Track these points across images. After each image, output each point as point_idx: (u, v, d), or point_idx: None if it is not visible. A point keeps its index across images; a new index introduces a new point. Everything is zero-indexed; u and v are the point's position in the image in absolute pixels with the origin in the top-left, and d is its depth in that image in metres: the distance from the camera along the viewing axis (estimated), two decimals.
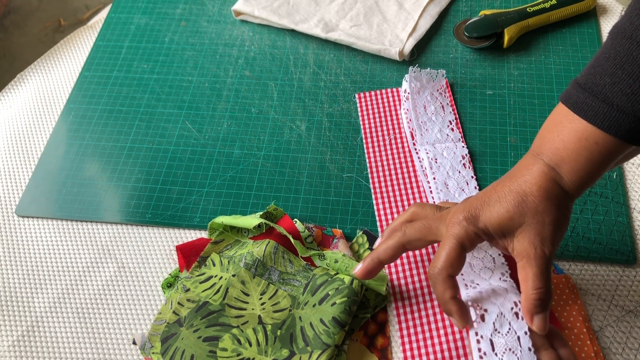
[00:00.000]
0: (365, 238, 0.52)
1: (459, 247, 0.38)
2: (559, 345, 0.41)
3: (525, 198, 0.37)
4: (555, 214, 0.37)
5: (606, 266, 0.49)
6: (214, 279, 0.48)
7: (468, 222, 0.38)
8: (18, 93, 0.68)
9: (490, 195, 0.38)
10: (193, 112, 0.63)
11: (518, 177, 0.39)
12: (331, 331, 0.44)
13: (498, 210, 0.38)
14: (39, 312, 0.51)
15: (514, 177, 0.39)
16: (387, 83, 0.63)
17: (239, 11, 0.69)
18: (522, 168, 0.39)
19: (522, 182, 0.38)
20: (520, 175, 0.39)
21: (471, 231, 0.38)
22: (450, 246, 0.38)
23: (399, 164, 0.56)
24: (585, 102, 0.37)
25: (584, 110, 0.37)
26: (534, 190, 0.37)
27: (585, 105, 0.37)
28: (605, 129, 0.36)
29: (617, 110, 0.35)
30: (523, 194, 0.37)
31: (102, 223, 0.56)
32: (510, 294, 0.43)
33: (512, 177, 0.39)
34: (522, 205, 0.37)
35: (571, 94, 0.38)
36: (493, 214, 0.38)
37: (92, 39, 0.72)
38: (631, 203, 0.52)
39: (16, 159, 0.62)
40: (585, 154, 0.37)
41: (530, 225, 0.37)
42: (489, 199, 0.38)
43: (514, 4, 0.68)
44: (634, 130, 0.35)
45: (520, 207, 0.37)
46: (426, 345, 0.45)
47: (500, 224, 0.38)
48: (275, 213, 0.53)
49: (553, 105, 0.59)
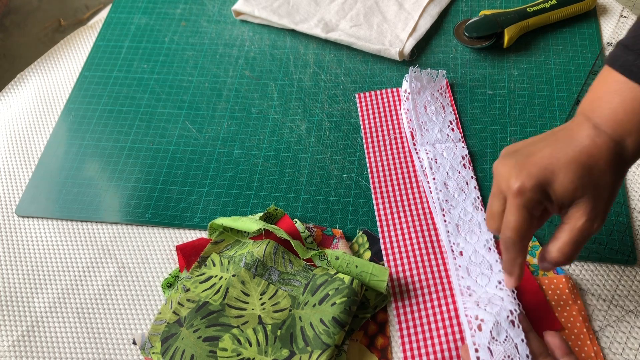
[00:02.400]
0: (365, 238, 0.52)
1: (529, 216, 0.38)
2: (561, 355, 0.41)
3: (591, 171, 0.37)
4: (615, 187, 0.38)
5: (606, 266, 0.49)
6: (214, 279, 0.48)
7: (533, 192, 0.37)
8: (18, 93, 0.68)
9: (554, 165, 0.37)
10: (193, 112, 0.63)
11: (574, 142, 0.38)
12: (331, 331, 0.44)
13: (563, 181, 0.37)
14: (39, 312, 0.51)
15: (570, 141, 0.38)
16: (387, 83, 0.63)
17: (239, 11, 0.69)
18: (576, 132, 0.38)
19: (585, 153, 0.37)
20: (577, 142, 0.38)
21: (536, 198, 0.38)
22: (523, 217, 0.38)
23: (399, 164, 0.56)
24: (635, 64, 0.36)
25: (633, 72, 0.36)
26: (600, 165, 0.37)
27: (634, 67, 0.36)
28: None
29: None
30: (588, 167, 0.37)
31: (102, 223, 0.56)
32: (506, 302, 0.43)
33: (568, 142, 0.38)
34: (587, 177, 0.37)
35: (618, 56, 0.37)
36: (558, 185, 0.37)
37: (92, 39, 0.72)
38: (631, 203, 0.52)
39: (16, 159, 0.62)
40: None
41: (590, 197, 0.37)
42: (553, 168, 0.37)
43: (514, 4, 0.68)
44: None
45: (584, 179, 0.37)
46: (426, 345, 0.45)
47: (564, 195, 0.37)
48: (275, 213, 0.53)
49: (553, 105, 0.59)
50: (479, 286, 0.47)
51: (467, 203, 0.52)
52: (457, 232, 0.50)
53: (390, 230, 0.52)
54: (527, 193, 0.37)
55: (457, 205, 0.52)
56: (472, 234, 0.50)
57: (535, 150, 0.38)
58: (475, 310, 0.43)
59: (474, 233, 0.50)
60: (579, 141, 0.37)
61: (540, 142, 0.39)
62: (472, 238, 0.50)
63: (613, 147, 0.37)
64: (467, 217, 0.51)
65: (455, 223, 0.51)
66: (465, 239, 0.50)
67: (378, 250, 0.51)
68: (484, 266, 0.48)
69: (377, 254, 0.51)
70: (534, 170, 0.37)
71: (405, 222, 0.52)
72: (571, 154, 0.37)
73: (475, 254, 0.49)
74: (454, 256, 0.49)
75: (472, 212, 0.51)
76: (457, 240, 0.50)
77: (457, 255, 0.49)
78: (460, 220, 0.51)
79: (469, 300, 0.45)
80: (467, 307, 0.45)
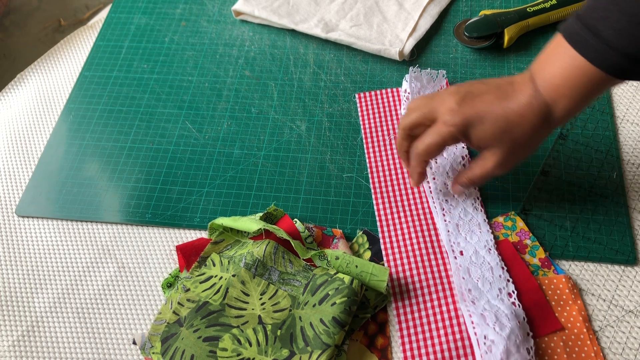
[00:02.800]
0: (365, 238, 0.52)
1: (442, 143, 0.44)
2: None
3: (514, 129, 0.41)
4: (531, 147, 0.43)
5: (606, 266, 0.49)
6: (214, 279, 0.48)
7: (457, 129, 0.42)
8: (18, 93, 0.68)
9: (486, 113, 0.41)
10: (193, 112, 0.63)
11: (514, 99, 0.41)
12: (331, 331, 0.44)
13: (486, 130, 0.42)
14: (39, 312, 0.51)
15: (512, 96, 0.41)
16: (387, 83, 0.63)
17: (239, 11, 0.69)
18: (520, 89, 0.41)
19: (518, 112, 0.41)
20: (517, 99, 0.41)
21: (457, 135, 0.43)
22: (436, 140, 0.44)
23: (399, 164, 0.56)
24: (579, 34, 0.38)
25: (576, 41, 0.38)
26: (525, 126, 0.41)
27: (578, 37, 0.38)
28: (592, 61, 0.37)
29: (605, 44, 0.36)
30: (514, 124, 0.41)
31: (102, 223, 0.56)
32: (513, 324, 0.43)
33: (510, 96, 0.41)
34: (508, 133, 0.41)
35: (569, 24, 0.39)
36: (480, 132, 0.42)
37: (92, 39, 0.72)
38: (631, 203, 0.52)
39: (16, 159, 0.62)
40: (580, 91, 0.39)
41: (504, 149, 0.42)
42: (483, 116, 0.41)
43: (514, 4, 0.68)
44: (618, 65, 0.37)
45: (505, 134, 0.41)
46: (426, 345, 0.45)
47: (482, 140, 0.43)
48: (275, 213, 0.53)
49: None
50: (480, 291, 0.47)
51: (467, 203, 0.52)
52: (457, 231, 0.50)
53: (390, 230, 0.52)
54: (452, 127, 0.42)
55: (457, 206, 0.52)
56: (472, 234, 0.50)
57: (481, 93, 0.42)
58: (485, 328, 0.43)
59: (474, 233, 0.50)
60: (517, 99, 0.41)
61: (487, 88, 0.43)
62: (472, 238, 0.50)
63: (544, 111, 0.40)
64: (468, 217, 0.51)
65: (455, 223, 0.51)
66: (465, 239, 0.50)
67: (378, 250, 0.51)
68: (484, 268, 0.48)
69: (377, 254, 0.51)
70: (469, 112, 0.42)
71: (405, 222, 0.52)
72: (506, 109, 0.41)
73: (476, 254, 0.49)
74: (454, 256, 0.49)
75: (472, 213, 0.51)
76: (458, 239, 0.50)
77: (458, 255, 0.49)
78: (460, 220, 0.51)
79: (475, 313, 0.45)
80: (474, 322, 0.45)
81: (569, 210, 0.52)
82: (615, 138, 0.56)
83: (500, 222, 0.51)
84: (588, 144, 0.56)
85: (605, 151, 0.55)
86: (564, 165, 0.54)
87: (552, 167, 0.54)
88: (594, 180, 0.53)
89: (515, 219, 0.51)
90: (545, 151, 0.56)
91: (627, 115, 0.58)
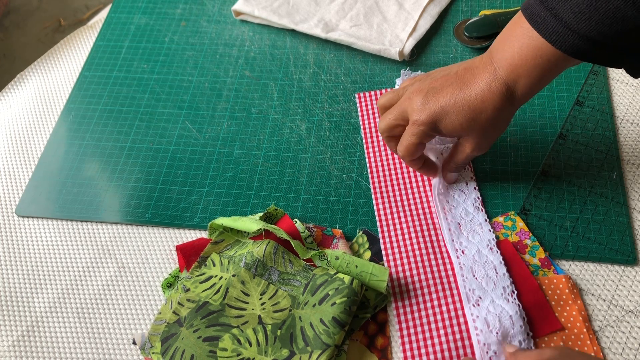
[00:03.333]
0: (365, 238, 0.52)
1: (419, 142, 0.46)
2: None
3: (479, 115, 0.43)
4: (499, 128, 0.45)
5: (606, 266, 0.49)
6: (214, 279, 0.48)
7: (427, 126, 0.44)
8: (18, 93, 0.68)
9: (449, 106, 0.43)
10: (193, 112, 0.63)
11: (474, 86, 0.42)
12: (331, 331, 0.44)
13: (453, 122, 0.43)
14: (39, 312, 0.51)
15: (471, 83, 0.43)
16: (387, 83, 0.63)
17: (239, 11, 0.69)
18: (479, 73, 0.43)
19: (479, 97, 0.42)
20: (477, 85, 0.42)
21: (429, 133, 0.45)
22: (412, 141, 0.46)
23: (399, 164, 0.56)
24: (540, 15, 0.39)
25: (537, 22, 0.39)
26: (488, 110, 0.42)
27: (539, 18, 0.39)
28: (552, 42, 0.38)
29: (564, 26, 0.37)
30: (478, 110, 0.42)
31: (102, 223, 0.56)
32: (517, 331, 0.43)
33: (469, 84, 0.43)
34: (475, 120, 0.43)
35: (530, 4, 0.40)
36: (448, 124, 0.44)
37: (92, 39, 0.72)
38: (631, 203, 0.52)
39: (16, 159, 0.62)
40: (539, 70, 0.40)
41: (476, 134, 0.44)
42: (448, 110, 0.43)
43: (514, 4, 0.68)
44: (577, 47, 0.37)
45: (472, 122, 0.43)
46: (426, 345, 0.45)
47: (453, 132, 0.45)
48: (275, 213, 0.53)
49: (553, 105, 0.59)
50: (485, 291, 0.47)
51: (467, 203, 0.52)
52: (459, 231, 0.50)
53: (390, 230, 0.52)
54: (421, 126, 0.44)
55: (458, 206, 0.52)
56: (474, 234, 0.50)
57: (443, 87, 0.44)
58: (488, 336, 0.44)
59: (476, 233, 0.50)
60: (477, 86, 0.42)
61: (449, 80, 0.44)
62: (474, 237, 0.50)
63: (505, 92, 0.42)
64: (469, 217, 0.51)
65: (457, 222, 0.51)
66: (467, 239, 0.50)
67: (378, 250, 0.51)
68: (488, 267, 0.48)
69: (377, 254, 0.51)
70: (433, 108, 0.44)
71: (405, 222, 0.52)
72: (467, 98, 0.43)
73: (479, 253, 0.49)
74: (457, 255, 0.49)
75: (473, 212, 0.51)
76: (460, 239, 0.50)
77: (460, 254, 0.49)
78: (461, 219, 0.51)
79: (479, 317, 0.45)
80: (478, 328, 0.45)
81: (569, 210, 0.52)
82: (615, 138, 0.56)
83: (500, 222, 0.51)
84: (588, 144, 0.56)
85: (605, 151, 0.55)
86: (564, 165, 0.54)
87: (552, 167, 0.54)
88: (594, 180, 0.53)
89: (515, 219, 0.51)
90: (545, 151, 0.56)
91: (627, 115, 0.58)
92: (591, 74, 0.61)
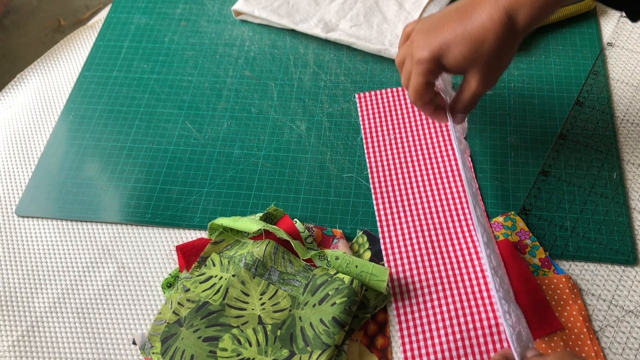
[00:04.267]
0: (365, 238, 0.52)
1: (425, 81, 0.45)
2: None
3: (481, 45, 0.42)
4: (504, 59, 0.43)
5: (606, 266, 0.49)
6: (214, 279, 0.48)
7: (430, 63, 0.43)
8: (18, 93, 0.68)
9: (451, 40, 0.42)
10: (193, 112, 0.63)
11: (476, 16, 0.42)
12: (331, 331, 0.44)
13: (456, 55, 0.42)
14: (39, 312, 0.51)
15: (472, 14, 0.42)
16: (387, 83, 0.63)
17: (239, 11, 0.69)
18: (479, 4, 0.42)
19: (481, 27, 0.41)
20: (478, 15, 0.42)
21: (433, 69, 0.44)
22: (419, 80, 0.45)
23: (399, 164, 0.56)
24: None
25: None
26: (490, 40, 0.41)
27: None
28: None
29: None
30: (480, 41, 0.41)
31: (102, 223, 0.56)
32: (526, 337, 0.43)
33: (470, 15, 0.42)
34: (478, 51, 0.42)
35: None
36: (451, 58, 0.43)
37: (92, 39, 0.72)
38: (631, 203, 0.52)
39: (16, 159, 0.62)
40: None
41: (480, 67, 0.43)
42: (450, 43, 0.42)
43: None
44: None
45: (476, 53, 0.42)
46: (426, 346, 0.45)
47: (458, 65, 0.43)
48: (275, 214, 0.53)
49: (553, 105, 0.59)
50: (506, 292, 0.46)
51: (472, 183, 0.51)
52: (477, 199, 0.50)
53: (390, 230, 0.52)
54: (425, 64, 0.43)
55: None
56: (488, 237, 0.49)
57: (444, 23, 0.43)
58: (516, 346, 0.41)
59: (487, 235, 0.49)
60: (478, 16, 0.42)
61: (450, 15, 0.43)
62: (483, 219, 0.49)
63: (507, 21, 0.41)
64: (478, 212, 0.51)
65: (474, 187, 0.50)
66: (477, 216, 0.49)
67: (378, 250, 0.51)
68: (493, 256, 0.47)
69: (377, 254, 0.51)
70: (434, 44, 0.43)
71: (405, 222, 0.52)
72: (468, 29, 0.42)
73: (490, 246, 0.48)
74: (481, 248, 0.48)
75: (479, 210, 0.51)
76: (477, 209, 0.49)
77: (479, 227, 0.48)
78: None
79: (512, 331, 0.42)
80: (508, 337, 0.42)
81: (569, 210, 0.52)
82: (615, 138, 0.56)
83: (500, 222, 0.51)
84: (588, 144, 0.56)
85: (605, 151, 0.55)
86: (564, 165, 0.54)
87: (552, 167, 0.54)
88: (594, 180, 0.53)
89: (515, 219, 0.51)
90: (545, 151, 0.56)
91: (627, 115, 0.58)
92: (591, 74, 0.61)
